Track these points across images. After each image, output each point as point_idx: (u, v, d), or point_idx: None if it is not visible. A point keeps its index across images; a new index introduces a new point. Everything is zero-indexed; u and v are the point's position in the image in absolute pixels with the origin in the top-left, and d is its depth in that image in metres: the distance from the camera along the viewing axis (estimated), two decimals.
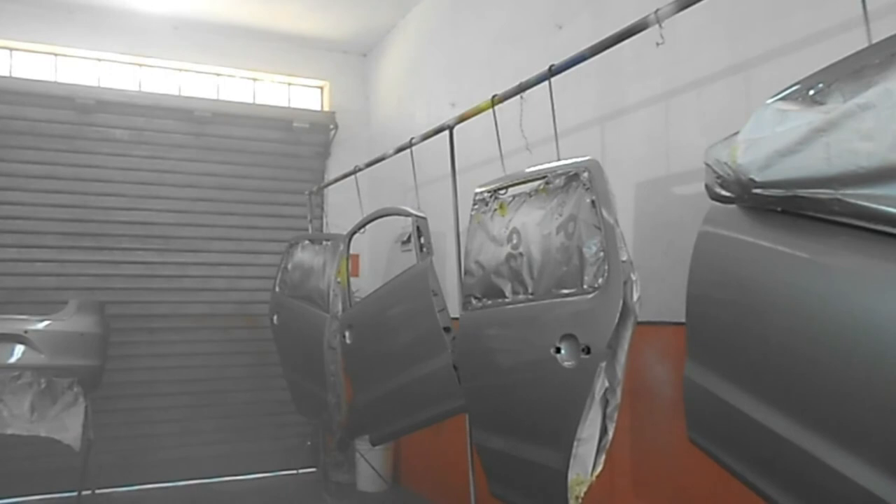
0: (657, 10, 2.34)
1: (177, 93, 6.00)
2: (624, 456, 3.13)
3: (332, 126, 6.37)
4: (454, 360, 3.12)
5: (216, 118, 5.91)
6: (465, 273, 2.98)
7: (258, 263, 5.89)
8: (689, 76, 2.98)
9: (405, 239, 4.95)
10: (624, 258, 2.21)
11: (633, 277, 2.20)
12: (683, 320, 1.98)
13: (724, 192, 1.83)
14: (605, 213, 2.26)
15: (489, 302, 2.79)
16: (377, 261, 5.93)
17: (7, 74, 5.48)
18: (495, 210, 2.82)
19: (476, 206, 2.94)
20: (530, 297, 2.56)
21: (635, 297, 2.19)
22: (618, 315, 2.18)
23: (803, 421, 1.60)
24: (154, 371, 5.57)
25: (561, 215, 2.44)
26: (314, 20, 5.85)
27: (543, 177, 2.58)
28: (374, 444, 4.28)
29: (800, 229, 1.64)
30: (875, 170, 1.41)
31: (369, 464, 5.37)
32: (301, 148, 6.25)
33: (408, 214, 3.55)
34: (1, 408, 4.31)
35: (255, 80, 6.37)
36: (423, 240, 3.37)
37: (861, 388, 1.48)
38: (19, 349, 4.38)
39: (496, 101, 3.19)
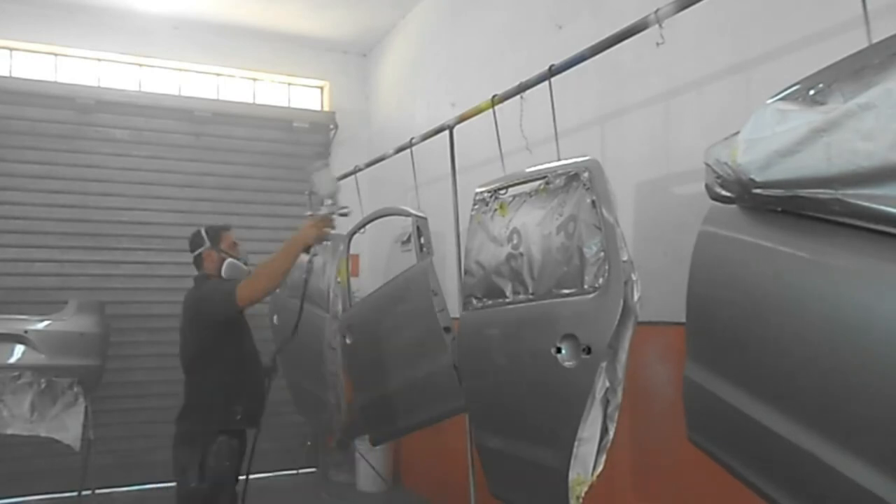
0: (657, 10, 2.34)
1: (177, 93, 5.99)
2: (624, 456, 3.12)
3: (332, 126, 6.37)
4: (454, 360, 3.12)
5: (216, 118, 5.91)
6: (466, 273, 2.98)
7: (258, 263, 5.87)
8: (689, 76, 2.98)
9: (405, 239, 4.94)
10: (624, 258, 2.21)
11: (634, 277, 2.20)
12: (683, 320, 1.98)
13: (724, 192, 1.83)
14: (605, 213, 2.26)
15: (489, 302, 2.79)
16: (377, 261, 5.92)
17: (7, 74, 5.47)
18: (495, 210, 2.82)
19: (476, 206, 2.94)
20: (531, 297, 2.56)
21: (636, 297, 2.19)
22: (619, 315, 2.18)
23: (803, 421, 1.60)
24: (154, 371, 5.56)
25: (561, 215, 2.44)
26: (314, 20, 5.85)
27: (543, 177, 2.58)
28: (374, 445, 4.28)
29: (800, 229, 1.63)
30: (875, 170, 1.41)
31: (369, 464, 5.37)
32: (301, 148, 6.24)
33: (408, 214, 3.54)
34: (1, 408, 4.31)
35: (255, 80, 6.37)
36: (423, 240, 3.36)
37: (861, 387, 1.48)
38: (19, 349, 4.38)
39: (496, 101, 3.19)
